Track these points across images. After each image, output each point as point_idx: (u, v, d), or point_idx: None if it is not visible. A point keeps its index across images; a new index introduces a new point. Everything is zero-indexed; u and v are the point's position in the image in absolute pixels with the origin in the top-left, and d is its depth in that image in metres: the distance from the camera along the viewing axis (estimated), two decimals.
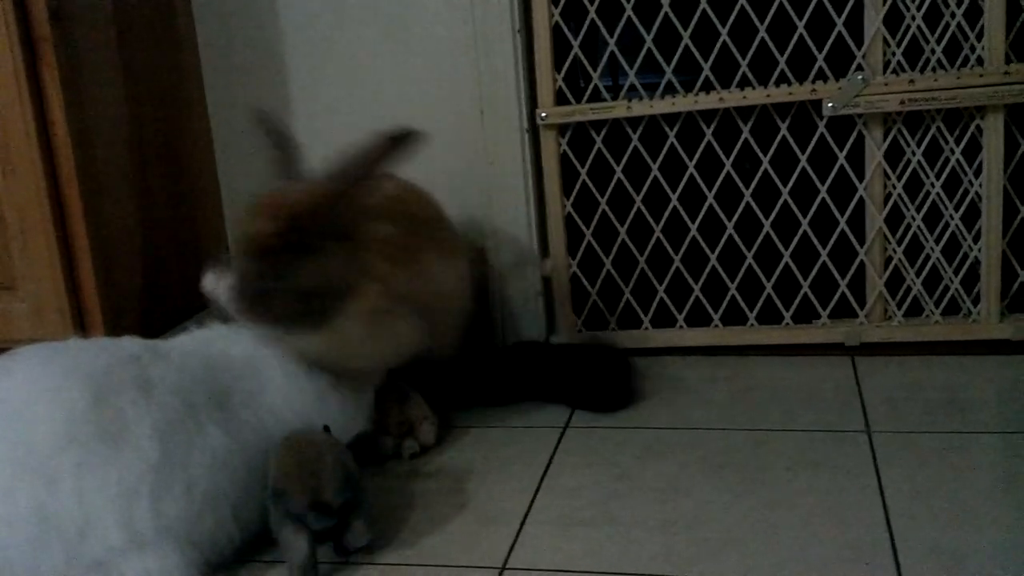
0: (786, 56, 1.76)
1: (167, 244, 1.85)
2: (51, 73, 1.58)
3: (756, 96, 1.77)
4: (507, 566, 1.25)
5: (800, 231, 1.82)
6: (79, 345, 1.31)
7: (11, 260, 1.63)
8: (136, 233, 1.76)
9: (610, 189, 1.88)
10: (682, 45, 1.79)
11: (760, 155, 1.81)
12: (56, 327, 1.63)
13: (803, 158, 1.79)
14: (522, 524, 1.34)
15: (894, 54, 1.73)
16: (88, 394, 1.18)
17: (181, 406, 1.24)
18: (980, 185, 1.76)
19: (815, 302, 1.84)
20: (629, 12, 1.79)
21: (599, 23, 1.81)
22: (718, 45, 1.77)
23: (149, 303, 1.78)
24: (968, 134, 1.75)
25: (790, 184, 1.81)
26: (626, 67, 1.82)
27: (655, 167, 1.85)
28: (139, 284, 1.76)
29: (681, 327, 1.90)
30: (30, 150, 1.59)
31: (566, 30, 1.83)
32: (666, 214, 1.87)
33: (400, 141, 1.41)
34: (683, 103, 1.80)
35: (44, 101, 1.59)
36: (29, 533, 1.13)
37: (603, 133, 1.86)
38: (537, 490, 1.43)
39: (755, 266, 1.85)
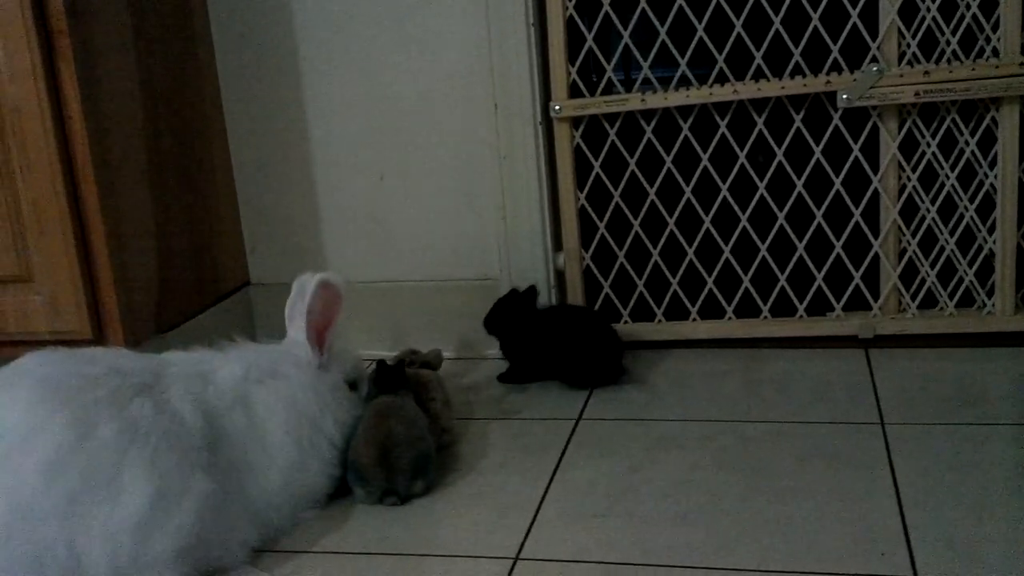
0: (801, 48, 1.75)
1: (181, 238, 1.86)
2: (68, 68, 1.59)
3: (771, 88, 1.77)
4: (521, 557, 1.25)
5: (814, 223, 1.82)
6: (72, 368, 1.25)
7: (28, 254, 1.64)
8: (151, 227, 1.77)
9: (624, 182, 1.88)
10: (696, 38, 1.78)
11: (774, 147, 1.80)
12: (72, 320, 1.64)
13: (818, 150, 1.79)
14: (536, 515, 1.35)
15: (909, 45, 1.73)
16: (72, 432, 1.16)
17: (173, 451, 1.21)
18: (995, 177, 1.75)
19: (829, 295, 1.84)
20: (644, 5, 1.79)
21: (613, 16, 1.81)
22: (732, 37, 1.77)
23: (163, 297, 1.79)
24: (983, 126, 1.75)
25: (804, 176, 1.80)
26: (640, 60, 1.82)
27: (669, 160, 1.85)
28: (154, 278, 1.77)
29: (694, 320, 1.90)
30: (47, 144, 1.59)
31: (580, 23, 1.83)
32: (680, 207, 1.86)
33: None
34: (697, 95, 1.80)
35: (61, 96, 1.60)
36: (26, 574, 1.12)
37: (617, 126, 1.86)
38: (551, 482, 1.44)
39: (769, 259, 1.85)
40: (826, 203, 1.81)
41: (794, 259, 1.84)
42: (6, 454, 1.15)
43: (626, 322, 1.93)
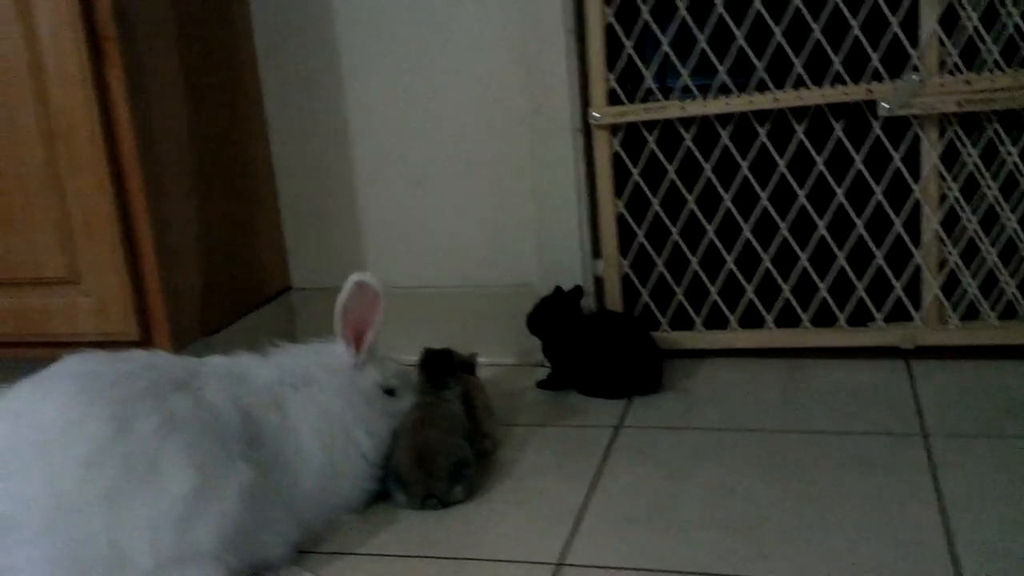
0: (842, 56, 1.75)
1: (224, 242, 1.88)
2: (115, 73, 1.61)
3: (811, 96, 1.76)
4: (564, 562, 1.25)
5: (855, 233, 1.81)
6: (108, 366, 1.27)
7: (76, 256, 1.66)
8: (195, 230, 1.79)
9: (663, 190, 1.88)
10: (735, 46, 1.78)
11: (815, 156, 1.80)
12: (119, 322, 1.66)
13: (858, 159, 1.78)
14: (578, 522, 1.35)
15: (950, 55, 1.72)
16: (110, 425, 1.17)
17: (213, 441, 1.23)
18: None
19: (870, 305, 1.83)
20: (683, 13, 1.79)
21: (653, 25, 1.81)
22: (772, 45, 1.77)
23: (207, 300, 1.80)
24: None
25: (845, 186, 1.80)
26: (680, 68, 1.82)
27: (708, 168, 1.85)
28: (198, 281, 1.79)
29: (734, 329, 1.90)
30: (95, 148, 1.62)
31: (619, 30, 1.83)
32: (719, 215, 1.86)
33: None
34: (737, 103, 1.80)
35: (108, 100, 1.62)
36: (69, 569, 1.13)
37: (656, 134, 1.86)
38: (591, 488, 1.44)
39: (809, 268, 1.84)
40: (867, 213, 1.80)
41: (835, 269, 1.83)
42: (46, 448, 1.16)
43: (665, 330, 1.92)
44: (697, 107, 1.82)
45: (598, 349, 1.77)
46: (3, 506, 1.14)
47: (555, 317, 1.82)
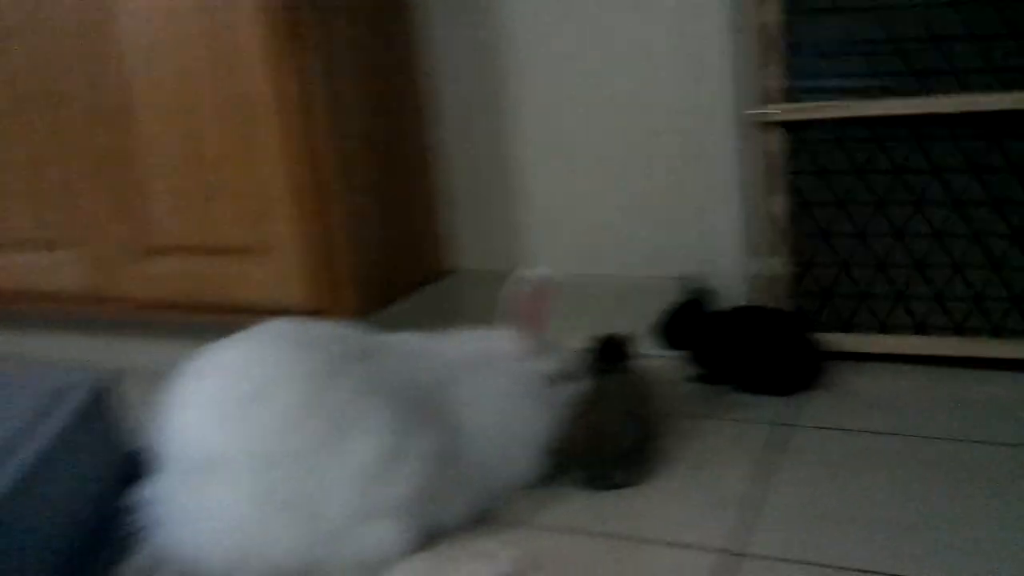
0: None
1: (397, 221, 1.94)
2: (312, 55, 1.71)
3: (994, 101, 1.72)
4: (744, 552, 1.25)
5: None
6: (307, 331, 1.33)
7: (268, 227, 1.74)
8: (373, 209, 1.86)
9: (833, 190, 1.85)
10: (894, 46, 1.75)
11: (998, 161, 1.75)
12: (303, 292, 1.73)
13: None
14: (753, 512, 1.35)
15: None
16: (310, 384, 1.23)
17: (401, 407, 1.28)
18: None
19: None
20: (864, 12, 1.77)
21: (827, 24, 1.79)
22: (944, 46, 1.73)
23: (381, 277, 1.87)
24: None
25: None
26: (847, 68, 1.79)
27: (883, 170, 1.82)
28: (375, 258, 1.85)
29: (905, 334, 1.85)
30: (291, 126, 1.70)
31: (785, 30, 1.81)
32: (894, 218, 1.83)
33: None
34: (916, 105, 1.76)
35: (304, 81, 1.70)
36: (264, 515, 1.20)
37: (824, 132, 1.84)
38: (757, 481, 1.44)
39: (990, 275, 1.79)
40: None
41: (1016, 278, 1.77)
42: (251, 402, 1.22)
43: (826, 331, 1.90)
44: (876, 107, 1.79)
45: (759, 345, 1.76)
46: (212, 448, 1.21)
47: (696, 320, 1.82)
